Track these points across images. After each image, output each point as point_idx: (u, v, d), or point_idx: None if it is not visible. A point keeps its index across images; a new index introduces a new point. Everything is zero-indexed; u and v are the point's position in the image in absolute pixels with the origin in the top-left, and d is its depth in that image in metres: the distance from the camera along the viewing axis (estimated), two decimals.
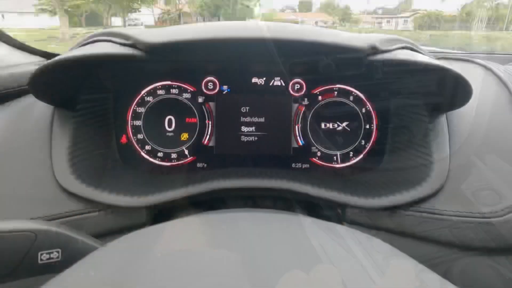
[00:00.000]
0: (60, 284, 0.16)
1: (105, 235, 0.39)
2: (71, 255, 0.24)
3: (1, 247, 0.22)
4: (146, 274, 0.16)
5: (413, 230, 0.40)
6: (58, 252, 0.23)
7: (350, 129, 0.49)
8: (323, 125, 0.49)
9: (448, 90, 0.40)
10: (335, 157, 0.49)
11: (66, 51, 0.45)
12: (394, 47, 0.41)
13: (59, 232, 0.24)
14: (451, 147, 0.42)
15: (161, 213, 0.43)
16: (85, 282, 0.16)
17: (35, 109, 0.44)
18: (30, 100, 0.47)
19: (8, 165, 0.39)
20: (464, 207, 0.38)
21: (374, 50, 0.38)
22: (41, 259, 0.22)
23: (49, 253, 0.23)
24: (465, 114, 0.44)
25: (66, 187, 0.38)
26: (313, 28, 0.42)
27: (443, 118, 0.44)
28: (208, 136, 0.49)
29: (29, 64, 0.69)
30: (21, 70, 0.53)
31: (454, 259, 0.39)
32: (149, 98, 0.48)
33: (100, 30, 0.45)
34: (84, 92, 0.43)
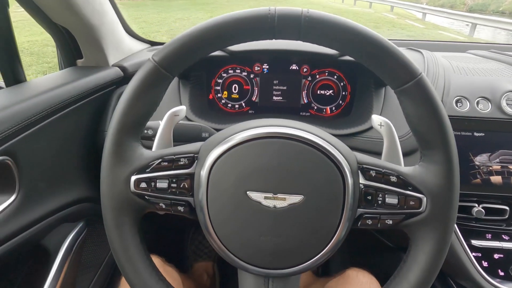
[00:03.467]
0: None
1: None
2: None
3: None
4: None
5: (360, 146, 0.78)
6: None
7: (333, 95, 0.87)
8: (318, 92, 0.87)
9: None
10: (324, 110, 0.88)
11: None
12: None
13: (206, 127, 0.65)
14: (384, 105, 0.79)
15: None
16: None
17: None
18: None
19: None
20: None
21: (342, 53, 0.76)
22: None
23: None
24: None
25: (190, 119, 0.80)
26: None
27: (382, 90, 0.81)
28: (255, 96, 0.89)
29: (146, 50, 1.09)
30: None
31: None
32: (224, 74, 0.88)
33: None
34: (192, 71, 0.84)
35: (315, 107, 0.87)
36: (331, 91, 0.87)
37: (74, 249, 0.71)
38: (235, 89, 0.88)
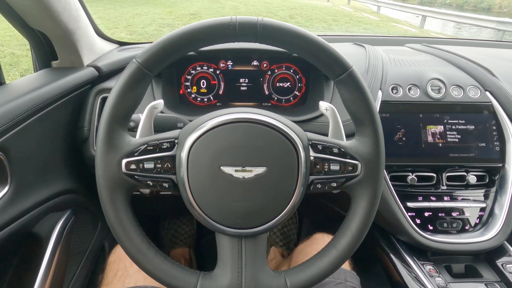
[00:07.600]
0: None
1: None
2: None
3: None
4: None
5: (315, 130, 0.90)
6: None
7: (291, 86, 0.99)
8: (277, 84, 0.99)
9: None
10: (283, 100, 0.99)
11: None
12: None
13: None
14: (333, 95, 0.92)
15: None
16: None
17: None
18: None
19: None
20: None
21: None
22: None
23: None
24: None
25: (164, 112, 0.88)
26: None
27: (331, 81, 0.94)
28: (222, 90, 0.98)
29: (115, 50, 1.15)
30: (128, 55, 1.01)
31: None
32: (192, 71, 0.97)
33: None
34: (163, 69, 0.92)
35: (276, 98, 0.99)
36: (288, 83, 0.98)
37: (64, 236, 0.78)
38: (203, 84, 0.97)
